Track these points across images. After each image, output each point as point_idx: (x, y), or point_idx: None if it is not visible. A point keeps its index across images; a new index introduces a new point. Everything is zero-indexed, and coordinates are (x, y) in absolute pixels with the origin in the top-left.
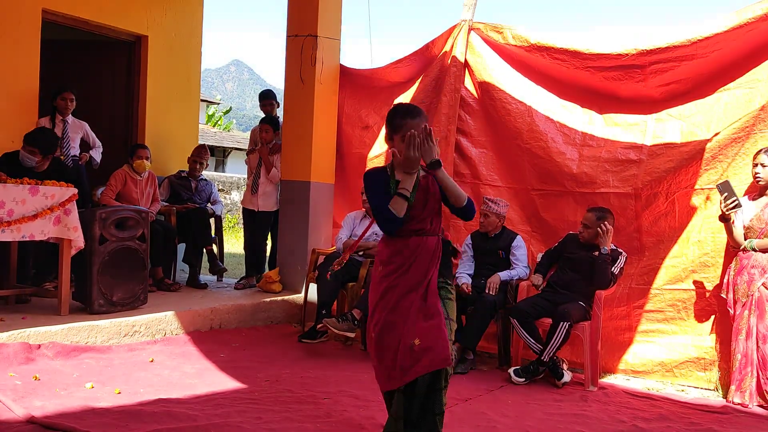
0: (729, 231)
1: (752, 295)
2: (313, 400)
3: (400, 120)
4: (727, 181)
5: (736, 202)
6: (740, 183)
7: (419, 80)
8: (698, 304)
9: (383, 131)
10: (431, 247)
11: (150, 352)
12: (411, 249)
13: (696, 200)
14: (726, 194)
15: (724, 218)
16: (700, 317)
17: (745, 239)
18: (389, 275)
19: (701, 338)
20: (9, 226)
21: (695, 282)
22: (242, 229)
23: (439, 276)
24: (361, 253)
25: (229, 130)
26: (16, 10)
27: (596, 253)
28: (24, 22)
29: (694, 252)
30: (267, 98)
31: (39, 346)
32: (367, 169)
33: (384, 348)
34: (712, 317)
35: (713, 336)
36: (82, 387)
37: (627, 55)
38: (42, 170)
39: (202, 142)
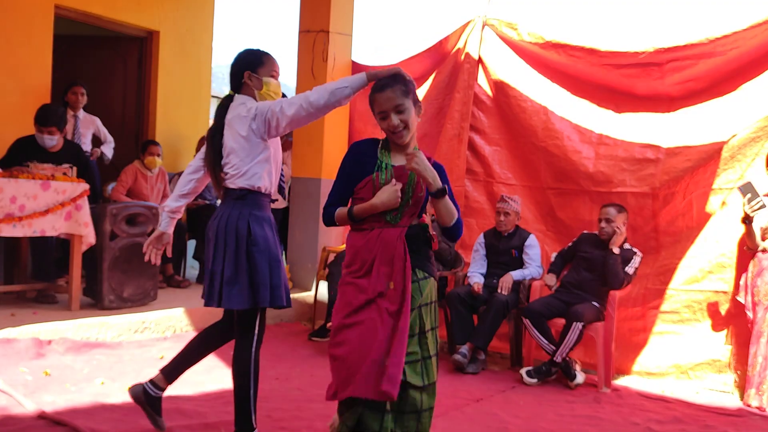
0: (749, 233)
1: None
2: (322, 398)
3: (371, 95)
4: (749, 182)
5: (761, 202)
6: (759, 183)
7: (432, 77)
8: (714, 306)
9: None
10: (395, 237)
11: (160, 348)
12: (373, 243)
13: (714, 200)
14: (749, 195)
15: (747, 220)
16: (716, 319)
17: (763, 240)
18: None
19: (717, 340)
20: (20, 221)
21: (712, 283)
22: None
23: (415, 266)
24: None
25: None
26: (29, 5)
27: (614, 249)
28: (37, 17)
29: (711, 253)
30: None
31: (50, 342)
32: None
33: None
34: (729, 319)
35: (729, 338)
36: (92, 383)
37: (644, 52)
38: (57, 150)
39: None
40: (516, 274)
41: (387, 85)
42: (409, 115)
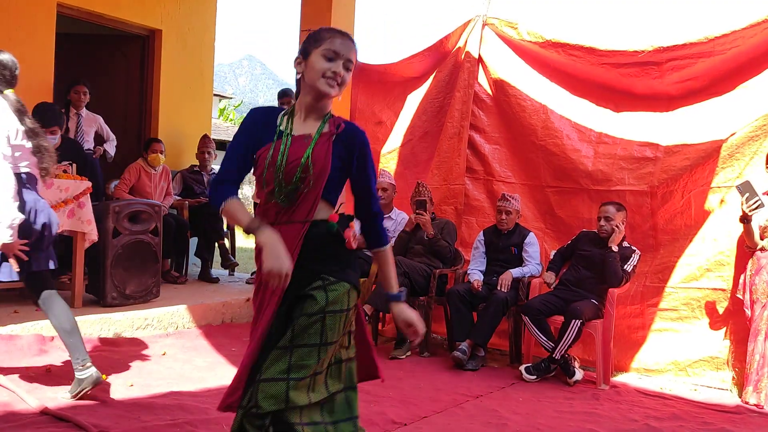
0: (747, 231)
1: None
2: None
3: (325, 32)
4: (747, 181)
5: (759, 201)
6: (758, 182)
7: (433, 76)
8: (713, 304)
9: (396, 126)
10: (293, 236)
11: (162, 345)
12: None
13: (712, 199)
14: (747, 195)
15: (745, 219)
16: (715, 316)
17: (761, 239)
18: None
19: (715, 337)
20: None
21: (710, 281)
22: None
23: (322, 273)
24: None
25: None
26: (32, 4)
27: (614, 247)
28: (39, 15)
29: (710, 250)
30: (285, 96)
31: (52, 338)
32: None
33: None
34: (727, 317)
35: (727, 335)
36: None
37: (643, 51)
38: (56, 148)
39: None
40: (515, 272)
41: (350, 39)
42: (347, 78)
